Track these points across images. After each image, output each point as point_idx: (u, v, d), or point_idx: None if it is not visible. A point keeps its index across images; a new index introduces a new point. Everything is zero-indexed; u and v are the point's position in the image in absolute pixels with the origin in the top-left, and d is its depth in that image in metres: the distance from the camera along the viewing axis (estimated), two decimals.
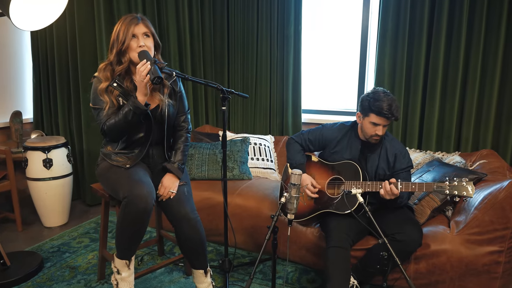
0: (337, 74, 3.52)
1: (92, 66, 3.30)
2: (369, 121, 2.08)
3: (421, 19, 2.79)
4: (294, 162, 2.29)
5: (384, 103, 2.00)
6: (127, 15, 1.91)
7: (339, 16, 3.40)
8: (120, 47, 1.85)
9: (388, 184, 1.94)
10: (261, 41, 3.36)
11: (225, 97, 2.06)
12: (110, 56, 1.90)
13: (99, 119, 1.90)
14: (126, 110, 1.81)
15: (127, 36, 1.84)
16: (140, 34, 1.87)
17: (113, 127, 1.85)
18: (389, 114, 2.00)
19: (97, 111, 1.91)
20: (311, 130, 2.36)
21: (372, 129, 2.09)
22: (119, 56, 1.89)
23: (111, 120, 1.85)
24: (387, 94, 2.04)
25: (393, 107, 2.00)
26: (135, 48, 1.86)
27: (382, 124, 2.05)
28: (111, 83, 1.89)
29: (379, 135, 2.08)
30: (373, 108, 2.03)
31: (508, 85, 2.64)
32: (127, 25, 1.85)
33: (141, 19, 1.90)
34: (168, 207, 1.96)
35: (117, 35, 1.87)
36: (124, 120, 1.83)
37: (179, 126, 2.12)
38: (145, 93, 1.82)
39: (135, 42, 1.86)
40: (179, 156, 2.06)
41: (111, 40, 1.90)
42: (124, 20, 1.88)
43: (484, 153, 2.49)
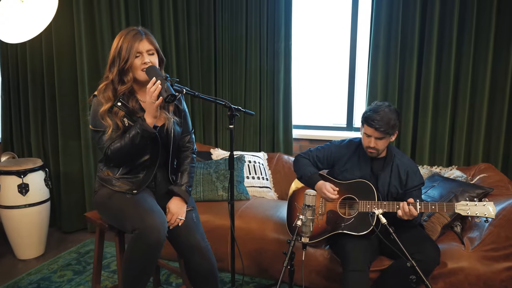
0: (327, 89, 3.50)
1: (71, 83, 3.07)
2: (364, 132, 2.06)
3: (412, 33, 2.81)
4: (308, 173, 2.20)
5: (378, 115, 1.98)
6: (128, 29, 1.76)
7: (327, 31, 3.39)
8: (123, 65, 1.70)
9: (407, 205, 1.89)
10: (250, 55, 3.27)
11: (233, 114, 1.94)
12: (109, 74, 1.74)
13: (101, 143, 1.73)
14: (133, 133, 1.66)
15: (130, 54, 1.69)
16: (145, 51, 1.72)
17: (118, 152, 1.69)
18: (377, 125, 1.97)
19: (98, 134, 1.73)
20: (319, 148, 2.29)
21: (366, 141, 2.06)
22: (121, 75, 1.73)
23: (115, 144, 1.68)
24: (388, 106, 2.02)
25: (383, 120, 1.96)
26: (139, 66, 1.71)
27: (373, 136, 2.01)
28: (115, 102, 1.72)
29: (371, 147, 2.05)
30: (365, 118, 2.03)
31: (498, 98, 2.71)
32: (130, 41, 1.70)
33: (145, 34, 1.75)
34: (176, 236, 1.80)
35: (119, 51, 1.70)
36: (131, 144, 1.67)
37: (184, 146, 1.97)
38: (155, 115, 1.67)
39: (139, 60, 1.71)
40: (185, 179, 1.91)
41: (111, 56, 1.74)
42: (126, 35, 1.72)
43: (482, 167, 2.53)
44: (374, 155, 2.09)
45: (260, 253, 2.39)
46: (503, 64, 2.65)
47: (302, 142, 3.43)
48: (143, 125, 1.65)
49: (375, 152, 2.06)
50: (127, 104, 1.73)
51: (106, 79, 1.75)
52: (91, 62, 3.08)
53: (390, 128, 1.97)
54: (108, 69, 1.74)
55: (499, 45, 2.65)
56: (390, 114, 1.98)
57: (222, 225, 2.47)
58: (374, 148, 2.04)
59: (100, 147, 1.74)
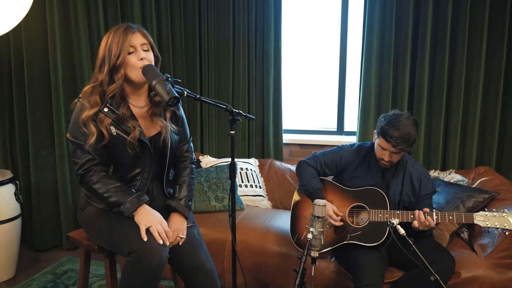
0: (316, 92, 3.40)
1: (43, 85, 2.79)
2: (378, 144, 1.94)
3: (405, 37, 2.77)
4: (310, 188, 2.05)
5: (396, 130, 1.84)
6: (119, 25, 1.56)
7: (317, 34, 3.29)
8: (114, 62, 1.49)
9: (423, 215, 1.79)
10: (238, 56, 3.11)
11: (235, 119, 1.77)
12: (99, 76, 1.52)
13: (76, 157, 1.52)
14: (115, 207, 1.52)
15: (122, 48, 1.49)
16: (139, 45, 1.53)
17: (92, 190, 1.53)
18: (394, 143, 1.85)
19: (74, 146, 1.52)
20: (326, 153, 2.16)
21: (380, 152, 1.95)
22: (112, 74, 1.52)
23: (93, 180, 1.51)
24: (408, 120, 1.88)
25: (402, 136, 1.83)
26: (133, 63, 1.51)
27: (388, 150, 1.90)
28: (101, 108, 1.51)
29: (385, 161, 1.94)
30: (381, 131, 1.90)
31: (491, 101, 2.70)
32: (122, 35, 1.50)
33: (138, 28, 1.56)
34: (178, 256, 1.60)
35: (109, 48, 1.50)
36: (107, 203, 1.53)
37: (182, 156, 1.79)
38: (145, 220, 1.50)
39: (134, 57, 1.52)
40: (184, 192, 1.72)
41: (100, 56, 1.53)
42: (116, 31, 1.53)
43: (481, 171, 2.49)
44: (387, 167, 1.98)
45: (260, 268, 2.23)
46: (496, 66, 2.65)
47: (292, 147, 3.31)
48: (127, 210, 1.49)
49: (388, 164, 1.95)
50: (115, 110, 1.52)
51: (94, 81, 1.54)
52: (66, 62, 2.81)
53: (409, 146, 1.85)
54: (98, 70, 1.53)
55: (492, 47, 2.65)
56: (409, 128, 1.84)
57: (218, 239, 2.28)
58: (388, 161, 1.93)
59: (74, 161, 1.53)
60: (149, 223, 1.45)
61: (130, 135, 1.51)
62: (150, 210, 1.51)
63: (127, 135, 1.52)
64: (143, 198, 1.52)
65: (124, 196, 1.49)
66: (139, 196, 1.51)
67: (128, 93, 1.59)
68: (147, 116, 1.62)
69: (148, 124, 1.62)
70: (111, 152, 1.55)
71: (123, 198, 1.49)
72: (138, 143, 1.55)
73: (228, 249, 2.25)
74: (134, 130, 1.52)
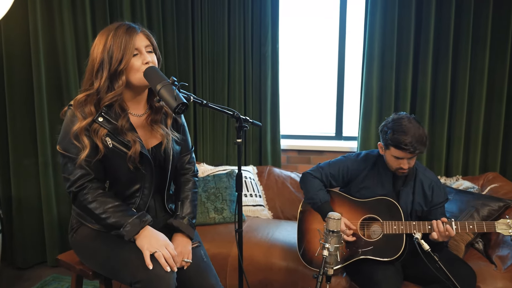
0: (314, 96, 3.28)
1: (25, 88, 2.58)
2: (391, 154, 1.82)
3: (407, 40, 2.69)
4: (318, 201, 1.92)
5: (406, 135, 1.73)
6: (116, 24, 1.38)
7: (315, 37, 3.18)
8: (116, 67, 1.32)
9: (442, 224, 1.68)
10: (234, 59, 2.97)
11: (242, 126, 1.63)
12: (95, 82, 1.35)
13: (68, 172, 1.35)
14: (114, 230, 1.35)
15: (126, 52, 1.32)
16: (143, 47, 1.37)
17: (87, 210, 1.36)
18: (411, 149, 1.74)
19: (65, 160, 1.35)
20: (332, 163, 2.03)
21: (396, 163, 1.83)
22: (111, 81, 1.35)
23: (87, 195, 1.34)
24: (410, 121, 1.78)
25: (415, 139, 1.73)
26: (138, 68, 1.35)
27: (405, 157, 1.79)
28: (95, 117, 1.34)
29: (404, 169, 1.83)
30: (392, 142, 1.77)
31: (494, 108, 2.66)
32: (124, 37, 1.33)
33: (141, 29, 1.40)
34: (185, 280, 1.44)
35: (109, 52, 1.32)
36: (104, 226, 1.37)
37: (183, 168, 1.63)
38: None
39: (138, 59, 1.35)
40: (187, 208, 1.56)
41: (97, 60, 1.35)
42: (116, 31, 1.35)
43: (490, 177, 2.42)
44: (405, 174, 1.87)
45: (265, 285, 2.08)
46: (499, 72, 2.61)
47: (290, 153, 3.18)
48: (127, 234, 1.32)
49: (407, 171, 1.84)
50: (111, 119, 1.36)
51: (89, 89, 1.36)
52: (50, 64, 2.61)
53: (425, 146, 1.75)
54: (94, 76, 1.34)
55: (495, 53, 2.60)
56: (417, 129, 1.75)
57: (219, 254, 2.13)
58: (407, 169, 1.82)
59: (65, 177, 1.36)
60: (154, 247, 1.29)
61: (130, 150, 1.35)
62: (153, 232, 1.35)
63: (126, 148, 1.36)
64: (146, 219, 1.35)
65: (124, 217, 1.32)
66: (141, 216, 1.35)
67: (126, 99, 1.42)
68: (146, 125, 1.47)
69: (147, 133, 1.46)
70: (107, 166, 1.38)
71: (123, 220, 1.32)
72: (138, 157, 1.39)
73: (231, 265, 2.09)
74: (134, 144, 1.36)
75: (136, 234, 1.31)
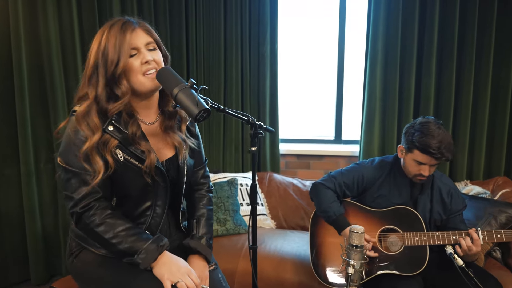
0: (312, 99, 3.17)
1: (5, 91, 2.35)
2: (413, 159, 1.72)
3: (411, 44, 2.61)
4: (332, 214, 1.80)
5: (434, 139, 1.64)
6: (113, 20, 1.21)
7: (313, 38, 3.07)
8: (113, 71, 1.15)
9: (475, 232, 1.59)
10: (231, 60, 2.81)
11: (257, 133, 1.49)
12: (90, 91, 1.17)
13: (71, 190, 1.17)
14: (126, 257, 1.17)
15: (121, 52, 1.15)
16: (143, 45, 1.19)
17: (94, 235, 1.18)
18: (438, 154, 1.64)
19: (68, 176, 1.17)
20: (345, 172, 1.90)
21: (416, 168, 1.73)
22: (111, 87, 1.17)
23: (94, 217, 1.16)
24: (439, 127, 1.69)
25: (444, 145, 1.64)
26: (137, 69, 1.17)
27: (428, 163, 1.70)
28: (105, 126, 1.16)
29: (425, 177, 1.73)
30: (418, 144, 1.67)
31: (499, 110, 2.62)
32: (119, 35, 1.16)
33: (138, 23, 1.22)
34: None
35: (103, 53, 1.16)
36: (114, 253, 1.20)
37: (197, 183, 1.46)
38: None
39: (137, 60, 1.18)
40: (203, 228, 1.40)
41: (91, 63, 1.18)
42: (110, 29, 1.18)
43: (500, 182, 2.37)
44: (423, 181, 1.76)
45: None
46: (504, 73, 2.57)
47: (288, 157, 3.06)
48: (143, 261, 1.15)
49: (425, 179, 1.74)
50: (122, 128, 1.19)
51: (85, 98, 1.18)
52: (33, 65, 2.39)
53: (451, 154, 1.65)
54: (87, 83, 1.18)
55: (500, 54, 2.56)
56: (446, 135, 1.66)
57: (225, 270, 1.93)
58: (427, 176, 1.72)
59: (67, 195, 1.18)
60: (176, 276, 1.13)
61: (145, 163, 1.19)
62: (173, 258, 1.18)
63: (138, 161, 1.19)
64: (163, 243, 1.19)
65: (138, 242, 1.15)
66: (157, 240, 1.18)
67: (135, 106, 1.25)
68: (160, 133, 1.30)
69: (160, 143, 1.30)
70: (115, 182, 1.21)
71: (137, 245, 1.15)
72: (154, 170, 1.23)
73: (238, 282, 1.95)
74: (149, 155, 1.19)
75: (153, 262, 1.14)
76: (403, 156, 1.79)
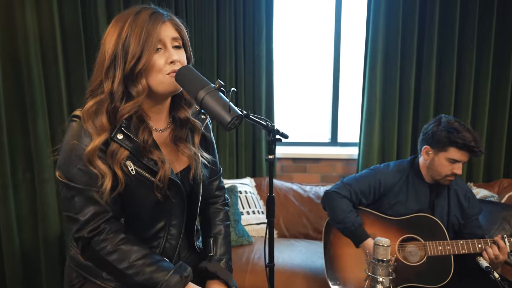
0: (307, 101, 3.06)
1: None
2: (447, 157, 1.64)
3: (411, 41, 2.55)
4: (351, 225, 1.68)
5: (467, 133, 1.60)
6: (139, 8, 1.03)
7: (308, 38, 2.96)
8: (133, 65, 0.97)
9: (501, 240, 1.51)
10: (224, 61, 2.67)
11: (275, 140, 1.34)
12: (106, 84, 0.99)
13: (75, 210, 0.99)
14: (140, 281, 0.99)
15: (146, 46, 0.97)
16: (169, 40, 1.02)
17: (105, 264, 1.00)
18: (476, 148, 1.60)
19: (71, 193, 0.99)
20: (359, 178, 1.79)
21: (449, 167, 1.65)
22: (127, 84, 1.00)
23: (105, 243, 0.99)
24: (461, 124, 1.66)
25: (477, 138, 1.61)
26: (161, 68, 1.00)
27: (463, 160, 1.64)
28: (113, 134, 0.99)
29: (457, 175, 1.65)
30: (457, 140, 1.60)
31: (499, 112, 2.60)
32: (147, 25, 0.98)
33: (169, 17, 1.05)
34: None
35: (124, 44, 0.98)
36: (130, 285, 1.01)
37: (212, 196, 1.30)
38: None
39: (161, 57, 1.01)
40: (222, 247, 1.24)
41: (109, 54, 0.99)
42: (135, 16, 1.00)
43: (505, 184, 2.34)
44: (451, 182, 1.69)
45: None
46: (504, 74, 2.54)
47: (284, 161, 2.94)
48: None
49: (453, 179, 1.67)
50: (133, 136, 1.01)
51: (98, 93, 1.01)
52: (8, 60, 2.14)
53: (482, 146, 1.63)
54: (104, 75, 0.99)
55: (500, 54, 2.53)
56: (472, 129, 1.63)
57: None
58: (458, 175, 1.65)
59: (70, 216, 1.00)
60: None
61: (157, 175, 1.02)
62: None
63: (152, 174, 1.02)
64: (187, 274, 1.02)
65: (158, 273, 0.98)
66: (180, 270, 1.01)
67: (146, 110, 1.07)
68: (169, 143, 1.13)
69: (172, 154, 1.13)
70: (124, 199, 1.04)
71: (157, 277, 0.98)
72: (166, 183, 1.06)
73: None
74: (162, 166, 1.02)
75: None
76: (430, 157, 1.69)
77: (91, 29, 2.40)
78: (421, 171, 1.74)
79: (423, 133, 1.73)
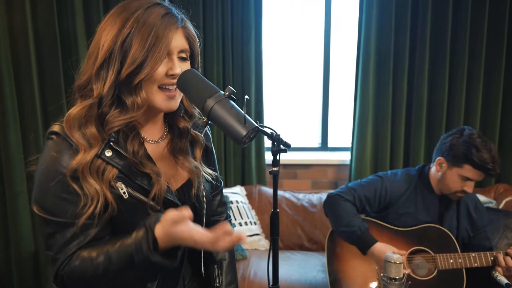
0: (296, 105, 2.95)
1: None
2: (460, 174, 1.56)
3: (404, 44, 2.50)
4: (357, 229, 1.57)
5: (488, 154, 1.51)
6: (149, 3, 0.85)
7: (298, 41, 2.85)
8: (130, 72, 0.81)
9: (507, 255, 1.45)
10: (211, 61, 2.52)
11: (279, 150, 1.21)
12: (97, 85, 0.83)
13: (55, 247, 0.82)
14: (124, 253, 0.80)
15: (152, 52, 0.80)
16: (177, 51, 0.86)
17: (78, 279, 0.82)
18: (492, 171, 1.52)
19: (50, 229, 0.82)
20: (365, 184, 1.69)
21: (459, 184, 1.57)
22: (120, 89, 0.84)
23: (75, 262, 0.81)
24: (484, 140, 1.55)
25: (496, 159, 1.52)
26: (159, 79, 0.84)
27: (477, 179, 1.56)
28: (100, 150, 0.83)
29: (467, 192, 1.57)
30: (474, 159, 1.51)
31: (490, 116, 2.58)
32: (157, 27, 0.81)
33: (182, 22, 0.87)
34: None
35: (125, 43, 0.81)
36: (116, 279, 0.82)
37: (214, 213, 1.14)
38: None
39: (163, 67, 0.84)
40: (229, 275, 1.09)
41: (104, 49, 0.82)
42: (145, 12, 0.82)
43: (501, 190, 2.30)
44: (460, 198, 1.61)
45: None
46: (496, 78, 2.53)
47: None
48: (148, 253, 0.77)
49: (463, 195, 1.59)
50: (123, 151, 0.85)
51: (87, 93, 0.84)
52: None
53: (499, 167, 1.54)
54: (95, 74, 0.82)
55: (492, 58, 2.52)
56: (493, 148, 1.53)
57: None
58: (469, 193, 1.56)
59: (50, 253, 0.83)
60: None
61: (151, 192, 0.86)
62: None
63: (145, 195, 0.87)
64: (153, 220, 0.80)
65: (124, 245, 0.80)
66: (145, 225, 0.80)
67: (138, 120, 0.90)
68: (167, 155, 0.98)
69: (169, 168, 0.96)
70: (116, 225, 0.88)
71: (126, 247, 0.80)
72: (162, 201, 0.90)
73: None
74: (157, 181, 0.86)
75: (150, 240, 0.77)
76: (443, 170, 1.60)
77: (67, 30, 2.20)
78: (431, 181, 1.66)
79: (441, 142, 1.64)
